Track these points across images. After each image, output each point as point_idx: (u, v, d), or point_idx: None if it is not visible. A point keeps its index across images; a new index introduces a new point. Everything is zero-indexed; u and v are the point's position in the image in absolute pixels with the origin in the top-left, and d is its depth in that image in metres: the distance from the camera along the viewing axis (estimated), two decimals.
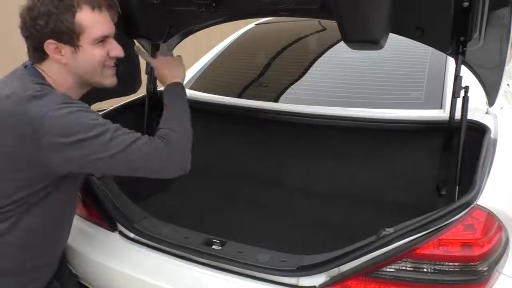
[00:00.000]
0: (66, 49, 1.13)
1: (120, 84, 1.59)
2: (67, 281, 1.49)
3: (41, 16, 1.08)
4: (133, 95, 1.90)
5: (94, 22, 1.13)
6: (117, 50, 1.22)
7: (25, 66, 1.18)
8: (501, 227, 1.15)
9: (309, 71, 2.16)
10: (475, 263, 1.08)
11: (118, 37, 1.53)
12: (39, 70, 1.16)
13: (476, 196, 1.10)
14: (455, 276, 1.09)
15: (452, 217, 1.07)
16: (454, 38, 1.30)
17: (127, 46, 1.63)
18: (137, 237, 1.46)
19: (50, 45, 1.11)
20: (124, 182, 1.69)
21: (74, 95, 1.21)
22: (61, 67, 1.15)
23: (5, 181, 1.10)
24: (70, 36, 1.11)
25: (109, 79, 1.25)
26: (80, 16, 1.10)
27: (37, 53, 1.14)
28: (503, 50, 1.30)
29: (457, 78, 1.36)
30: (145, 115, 2.05)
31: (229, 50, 2.57)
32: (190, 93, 2.18)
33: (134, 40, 1.69)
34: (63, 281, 1.45)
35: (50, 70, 1.15)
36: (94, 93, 1.43)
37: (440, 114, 1.63)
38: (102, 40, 1.17)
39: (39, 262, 1.24)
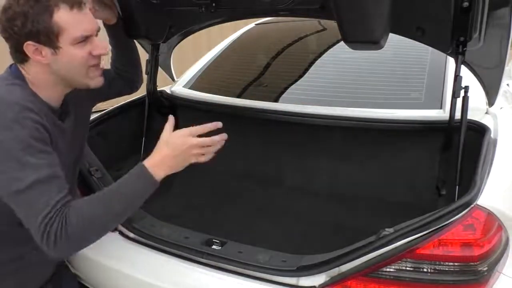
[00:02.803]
0: (46, 51, 1.07)
1: (124, 83, 1.59)
2: (67, 285, 1.49)
3: (17, 17, 1.03)
4: (132, 95, 1.91)
5: (73, 22, 1.06)
6: (100, 49, 1.13)
7: (10, 66, 1.15)
8: (501, 227, 1.15)
9: (309, 71, 2.16)
10: (475, 263, 1.08)
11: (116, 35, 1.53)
12: (21, 69, 1.12)
13: (476, 196, 1.10)
14: (455, 276, 1.09)
15: (452, 217, 1.07)
16: (454, 38, 1.31)
17: (128, 45, 1.64)
18: (137, 237, 1.46)
19: (29, 47, 1.06)
20: None
21: (57, 94, 1.17)
22: (43, 68, 1.10)
23: None
24: (48, 37, 1.05)
25: (95, 80, 1.17)
26: (58, 15, 1.04)
27: (19, 54, 1.09)
28: (503, 50, 1.30)
29: (457, 78, 1.36)
30: (145, 115, 2.05)
31: (229, 50, 2.57)
32: (190, 93, 2.19)
33: None
34: (62, 285, 1.45)
35: (33, 71, 1.11)
36: (98, 93, 1.43)
37: (440, 114, 1.63)
38: (84, 40, 1.10)
39: (20, 266, 1.21)
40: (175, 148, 1.11)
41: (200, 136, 1.13)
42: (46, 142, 1.05)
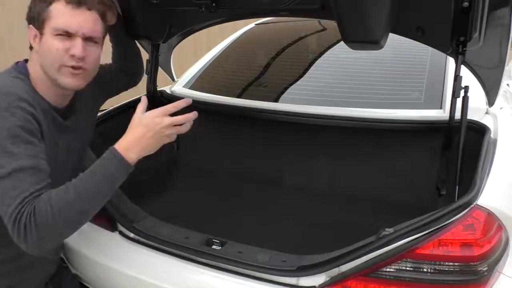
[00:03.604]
0: (38, 37, 1.15)
1: (127, 77, 1.66)
2: (67, 285, 1.49)
3: (30, 3, 1.17)
4: (132, 96, 1.92)
5: (61, 14, 1.12)
6: (76, 49, 1.13)
7: (17, 62, 1.20)
8: (501, 227, 1.15)
9: (309, 71, 2.16)
10: (475, 263, 1.08)
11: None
12: (27, 64, 1.19)
13: (476, 196, 1.10)
14: (455, 276, 1.09)
15: (452, 217, 1.07)
16: (454, 38, 1.30)
17: (129, 43, 1.66)
18: (137, 237, 1.46)
19: (31, 31, 1.16)
20: (124, 182, 1.69)
21: (56, 93, 1.19)
22: (37, 56, 1.16)
23: None
24: (38, 23, 1.14)
25: (66, 79, 1.15)
26: (53, 6, 1.13)
27: (30, 40, 1.19)
28: (503, 50, 1.30)
29: (457, 78, 1.36)
30: None
31: (229, 50, 2.57)
32: (190, 93, 2.19)
33: None
34: (62, 285, 1.45)
35: (33, 59, 1.18)
36: (102, 89, 1.44)
37: (440, 114, 1.63)
38: (68, 36, 1.13)
39: (18, 267, 1.21)
40: (150, 128, 1.09)
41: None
42: (34, 134, 1.06)
